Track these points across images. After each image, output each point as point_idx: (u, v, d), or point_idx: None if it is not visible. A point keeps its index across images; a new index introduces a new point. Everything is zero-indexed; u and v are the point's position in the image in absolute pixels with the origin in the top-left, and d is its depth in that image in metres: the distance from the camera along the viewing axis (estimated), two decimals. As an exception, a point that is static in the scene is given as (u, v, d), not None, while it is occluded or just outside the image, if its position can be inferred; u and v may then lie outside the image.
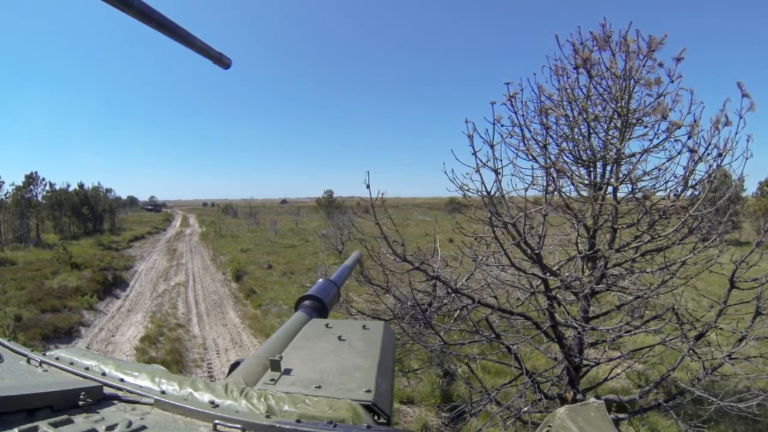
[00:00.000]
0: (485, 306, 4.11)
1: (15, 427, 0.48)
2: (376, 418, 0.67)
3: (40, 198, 26.90)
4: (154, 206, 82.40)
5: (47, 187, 28.15)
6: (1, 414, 0.52)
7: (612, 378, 5.10)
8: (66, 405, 0.58)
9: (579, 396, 4.54)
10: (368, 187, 3.24)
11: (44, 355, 0.78)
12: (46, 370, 0.72)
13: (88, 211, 30.26)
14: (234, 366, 0.94)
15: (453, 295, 4.08)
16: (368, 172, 3.24)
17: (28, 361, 0.75)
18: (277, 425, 0.55)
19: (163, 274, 15.81)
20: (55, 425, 0.50)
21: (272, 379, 0.74)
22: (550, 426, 0.62)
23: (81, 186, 32.81)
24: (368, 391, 0.69)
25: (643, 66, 4.22)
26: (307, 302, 1.32)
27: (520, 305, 4.59)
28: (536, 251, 3.53)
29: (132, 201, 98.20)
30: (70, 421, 0.53)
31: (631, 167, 4.38)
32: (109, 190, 37.58)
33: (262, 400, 0.63)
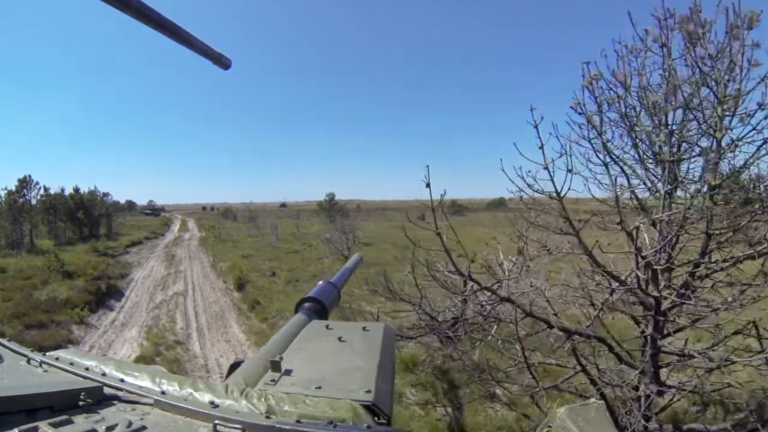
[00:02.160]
0: (563, 330, 3.31)
1: (15, 427, 0.48)
2: (376, 418, 0.67)
3: (33, 202, 26.00)
4: (153, 210, 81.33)
5: (41, 191, 27.28)
6: (1, 414, 0.52)
7: (693, 405, 4.32)
8: (66, 405, 0.57)
9: (655, 426, 3.77)
10: (428, 185, 2.45)
11: (44, 355, 0.78)
12: (46, 371, 0.73)
13: (84, 216, 29.33)
14: (233, 366, 0.95)
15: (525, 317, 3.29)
16: (428, 166, 2.45)
17: (28, 361, 0.75)
18: (277, 425, 0.55)
19: (161, 283, 14.96)
20: (55, 425, 0.50)
21: (272, 380, 0.75)
22: (550, 426, 0.62)
23: (76, 190, 31.91)
24: (368, 391, 0.70)
25: (741, 45, 3.46)
26: (307, 304, 1.33)
27: (590, 324, 3.86)
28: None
29: (130, 205, 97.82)
30: (70, 422, 0.53)
31: (727, 163, 3.62)
32: (106, 194, 36.66)
33: (263, 400, 0.63)
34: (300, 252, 21.94)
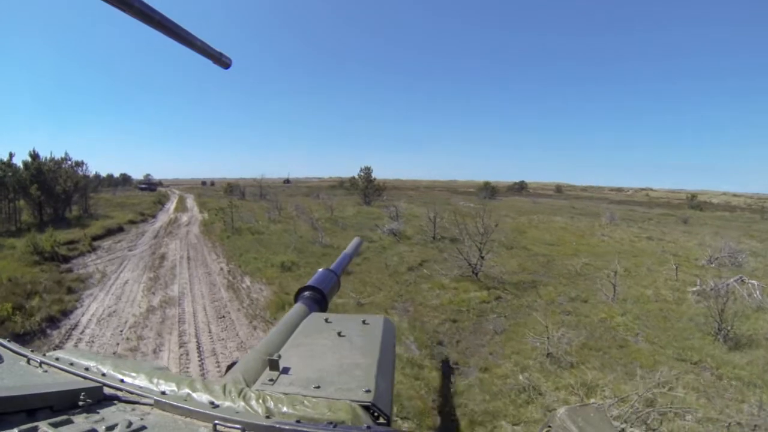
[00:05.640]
0: None
1: (15, 428, 0.47)
2: (376, 418, 0.65)
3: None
4: (149, 185, 72.16)
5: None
6: (1, 414, 0.50)
7: None
8: (66, 405, 0.57)
9: None
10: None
11: (44, 355, 0.77)
12: (46, 371, 0.72)
13: (38, 192, 20.89)
14: (231, 366, 0.91)
15: None
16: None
17: (28, 362, 0.74)
18: (277, 426, 0.54)
19: (131, 343, 6.82)
20: (55, 425, 0.49)
21: (270, 379, 0.73)
22: (549, 426, 0.61)
23: (34, 157, 23.31)
24: (368, 391, 0.68)
25: None
26: (306, 293, 1.30)
27: None
28: None
29: (125, 179, 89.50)
30: (70, 422, 0.52)
31: None
32: (79, 164, 27.91)
33: (261, 401, 0.62)
34: (370, 259, 13.63)
